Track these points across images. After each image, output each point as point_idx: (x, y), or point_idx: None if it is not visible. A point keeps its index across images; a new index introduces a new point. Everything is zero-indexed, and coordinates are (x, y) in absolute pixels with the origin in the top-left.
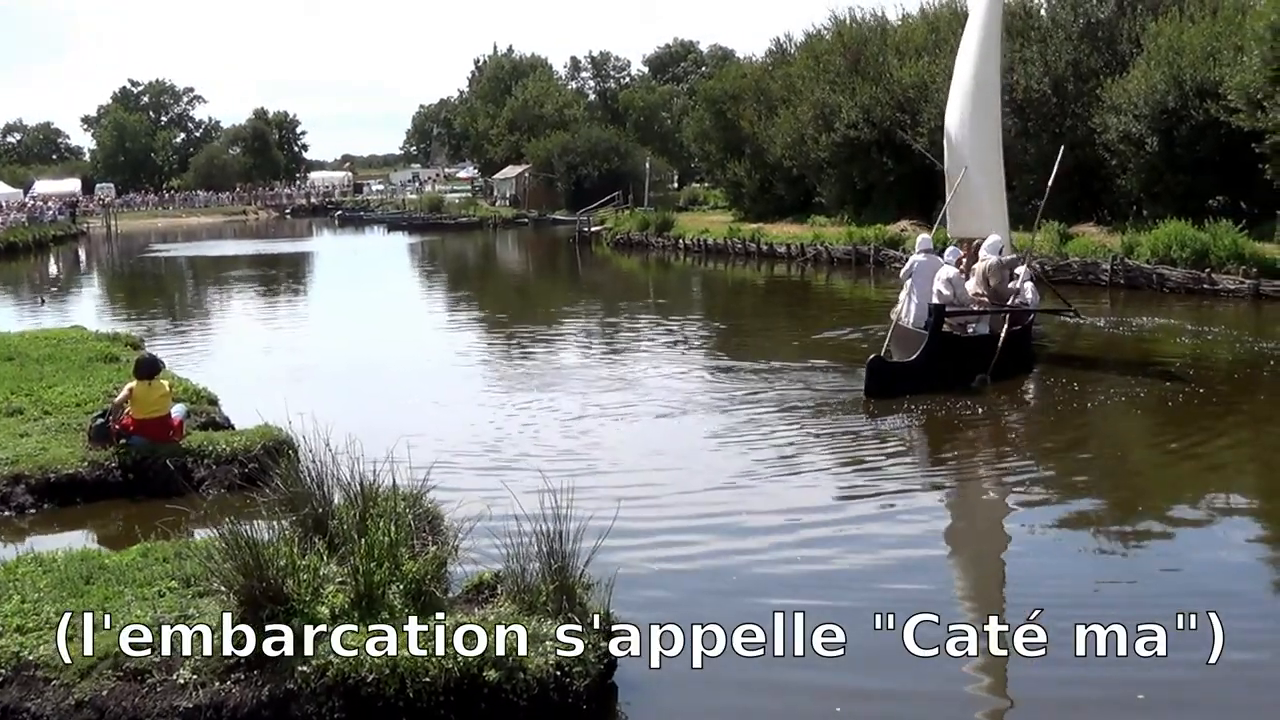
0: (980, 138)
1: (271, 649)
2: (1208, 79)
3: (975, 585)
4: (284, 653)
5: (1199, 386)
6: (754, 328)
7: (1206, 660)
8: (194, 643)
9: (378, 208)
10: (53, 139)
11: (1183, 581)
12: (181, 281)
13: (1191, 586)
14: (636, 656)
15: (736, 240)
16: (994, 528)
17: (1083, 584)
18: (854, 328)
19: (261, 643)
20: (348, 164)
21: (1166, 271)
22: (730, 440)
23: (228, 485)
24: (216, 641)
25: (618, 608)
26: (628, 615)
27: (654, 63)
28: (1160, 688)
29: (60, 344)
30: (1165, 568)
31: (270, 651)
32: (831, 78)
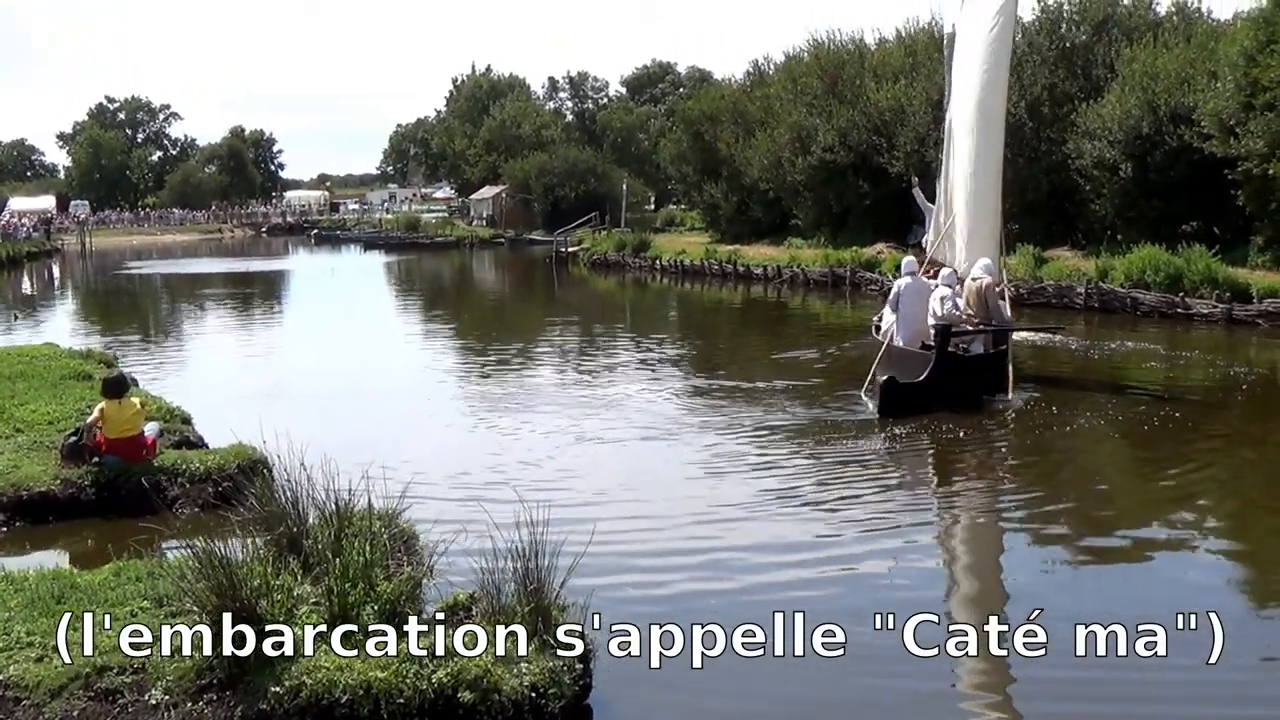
0: (982, 167)
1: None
2: (1182, 105)
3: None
4: (253, 670)
5: (1174, 409)
6: (730, 348)
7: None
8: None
9: (354, 227)
10: (27, 156)
11: (1152, 594)
12: (156, 299)
13: (1160, 598)
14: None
15: (713, 261)
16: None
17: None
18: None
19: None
20: (324, 183)
21: (1140, 295)
22: (706, 462)
23: (201, 504)
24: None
25: (593, 629)
26: (604, 637)
27: (632, 84)
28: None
29: (33, 361)
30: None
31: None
32: (809, 100)
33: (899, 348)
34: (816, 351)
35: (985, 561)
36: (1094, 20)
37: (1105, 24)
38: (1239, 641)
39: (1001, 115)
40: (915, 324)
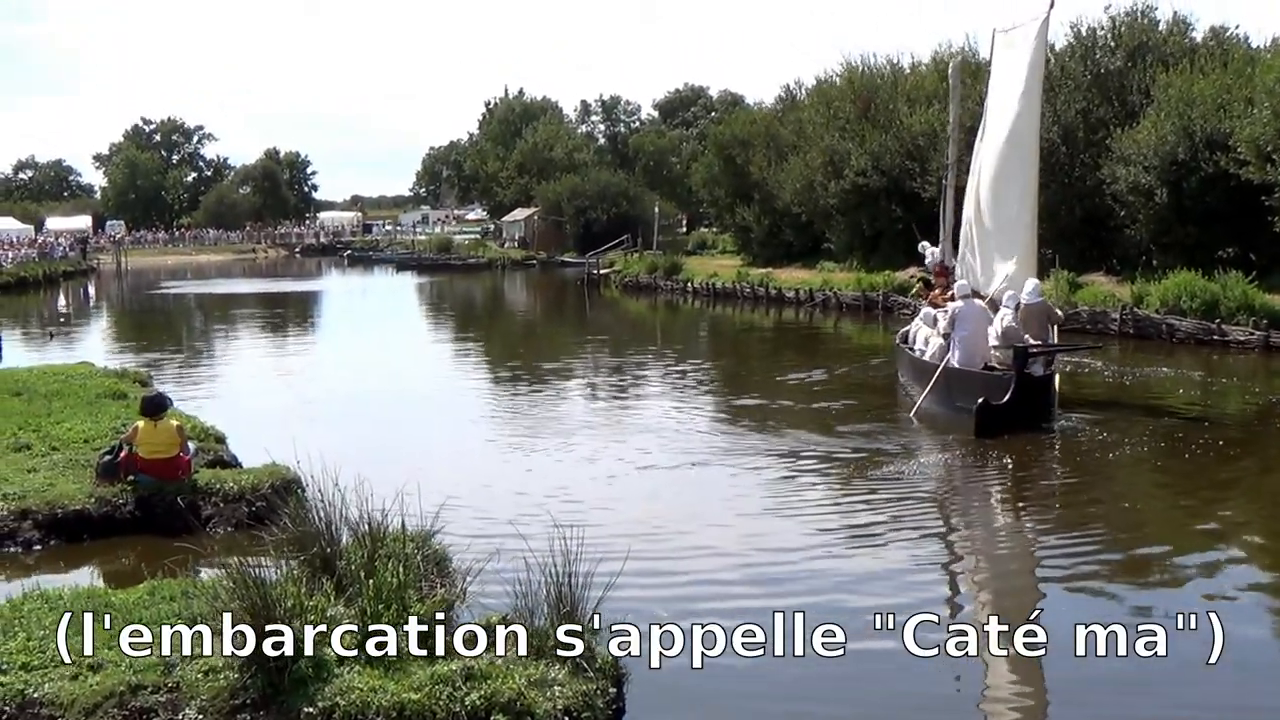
0: (1015, 192)
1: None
2: (1218, 131)
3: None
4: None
5: (1209, 437)
6: (763, 371)
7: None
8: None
9: (387, 248)
10: (64, 176)
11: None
12: (190, 319)
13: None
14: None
15: (745, 284)
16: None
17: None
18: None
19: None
20: (357, 204)
21: (1176, 322)
22: (741, 486)
23: (235, 524)
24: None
25: (626, 653)
26: (636, 660)
27: (664, 107)
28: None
29: (68, 380)
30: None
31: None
32: (841, 125)
33: (961, 369)
34: (849, 373)
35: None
36: (1129, 46)
37: (1140, 50)
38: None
39: (1035, 141)
40: (973, 346)
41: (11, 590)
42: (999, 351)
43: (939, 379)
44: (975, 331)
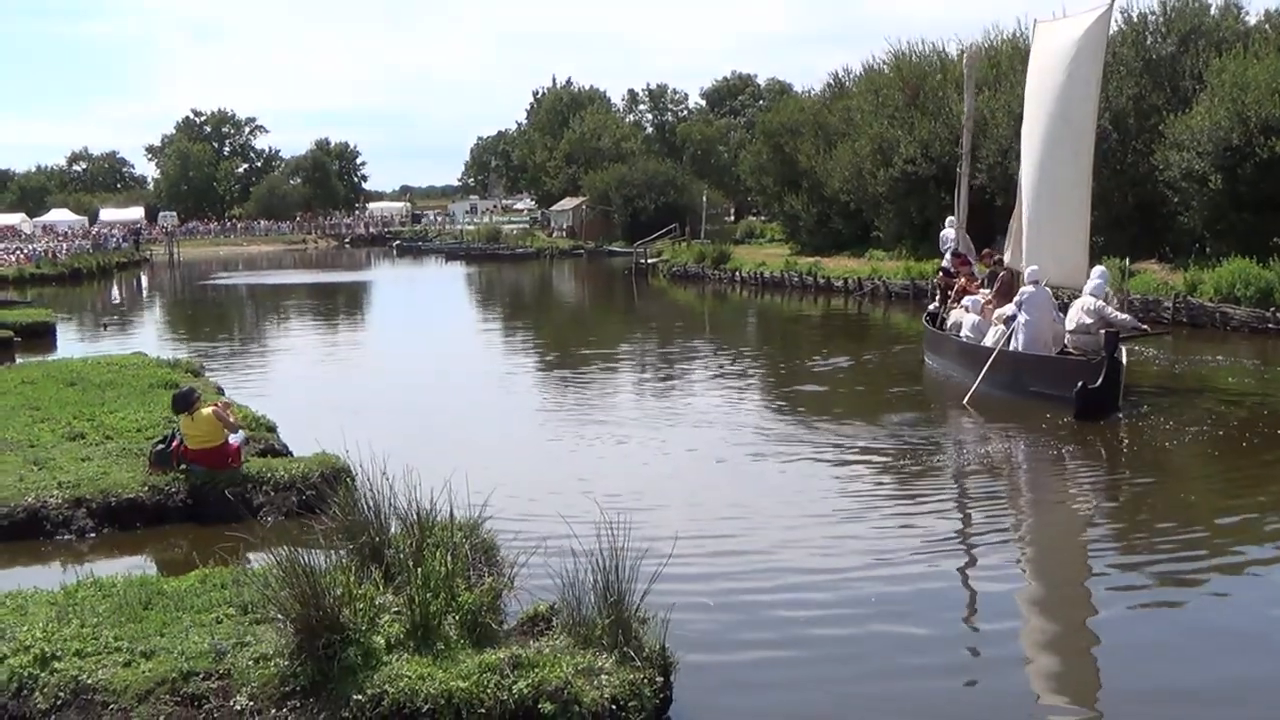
0: (1069, 177)
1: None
2: (1273, 116)
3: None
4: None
5: (1264, 427)
6: (812, 361)
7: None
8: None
9: (435, 238)
10: (118, 168)
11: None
12: (242, 310)
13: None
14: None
15: (793, 273)
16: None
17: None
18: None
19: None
20: (406, 195)
21: (1230, 310)
22: (789, 475)
23: (286, 512)
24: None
25: (674, 643)
26: (684, 649)
27: (711, 96)
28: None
29: (122, 370)
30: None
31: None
32: (890, 112)
33: (1043, 355)
34: (898, 361)
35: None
36: (1180, 31)
37: (1192, 35)
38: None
39: (1092, 130)
40: (1040, 331)
41: (66, 578)
42: (1073, 336)
43: (1002, 364)
44: (1042, 317)
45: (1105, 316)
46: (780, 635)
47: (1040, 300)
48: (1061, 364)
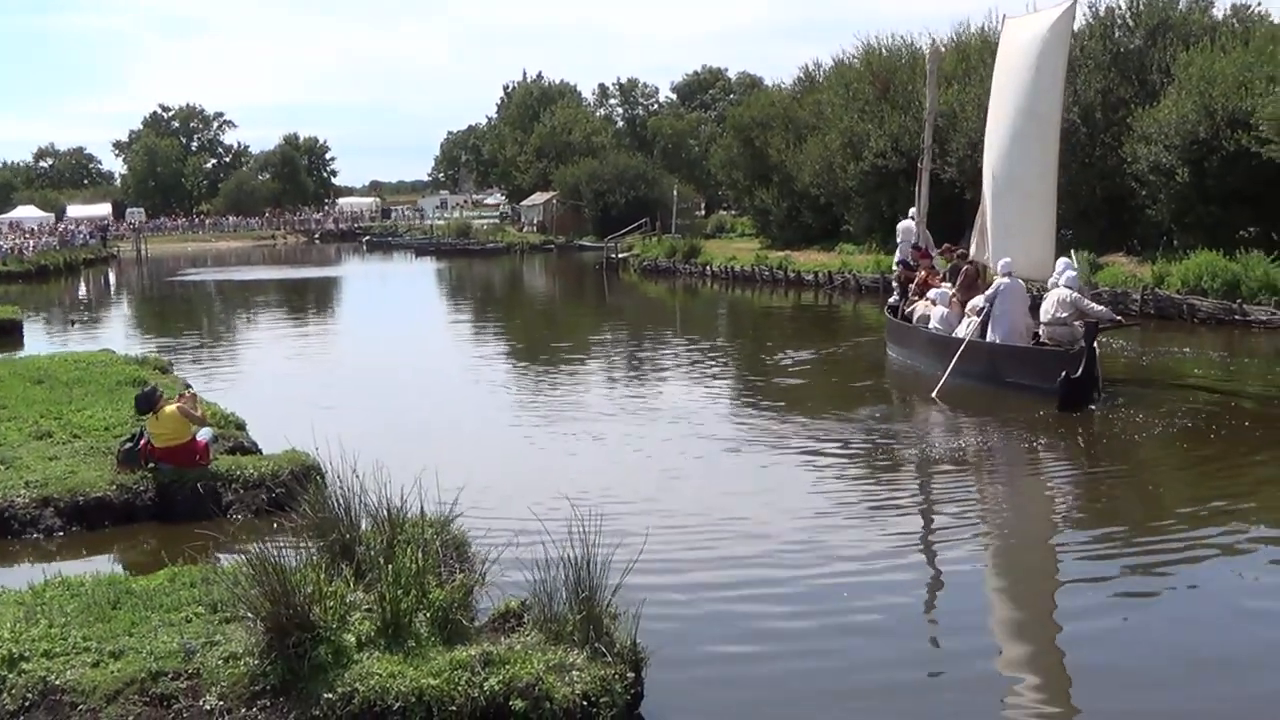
0: (1035, 171)
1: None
2: (1239, 109)
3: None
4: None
5: (1229, 419)
6: (783, 356)
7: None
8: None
9: (405, 233)
10: (84, 164)
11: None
12: (210, 306)
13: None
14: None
15: (764, 267)
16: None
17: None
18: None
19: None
20: (376, 190)
21: (1197, 302)
22: (760, 470)
23: (255, 510)
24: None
25: (645, 638)
26: (655, 645)
27: (682, 90)
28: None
29: (89, 367)
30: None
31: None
32: (860, 106)
33: (1021, 346)
34: (867, 354)
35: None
36: (1148, 25)
37: (1160, 29)
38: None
39: (1057, 123)
40: (1016, 323)
41: (33, 576)
42: (1047, 327)
43: (976, 355)
44: (1016, 309)
45: (1081, 308)
46: (752, 631)
47: (1016, 292)
48: (1043, 355)
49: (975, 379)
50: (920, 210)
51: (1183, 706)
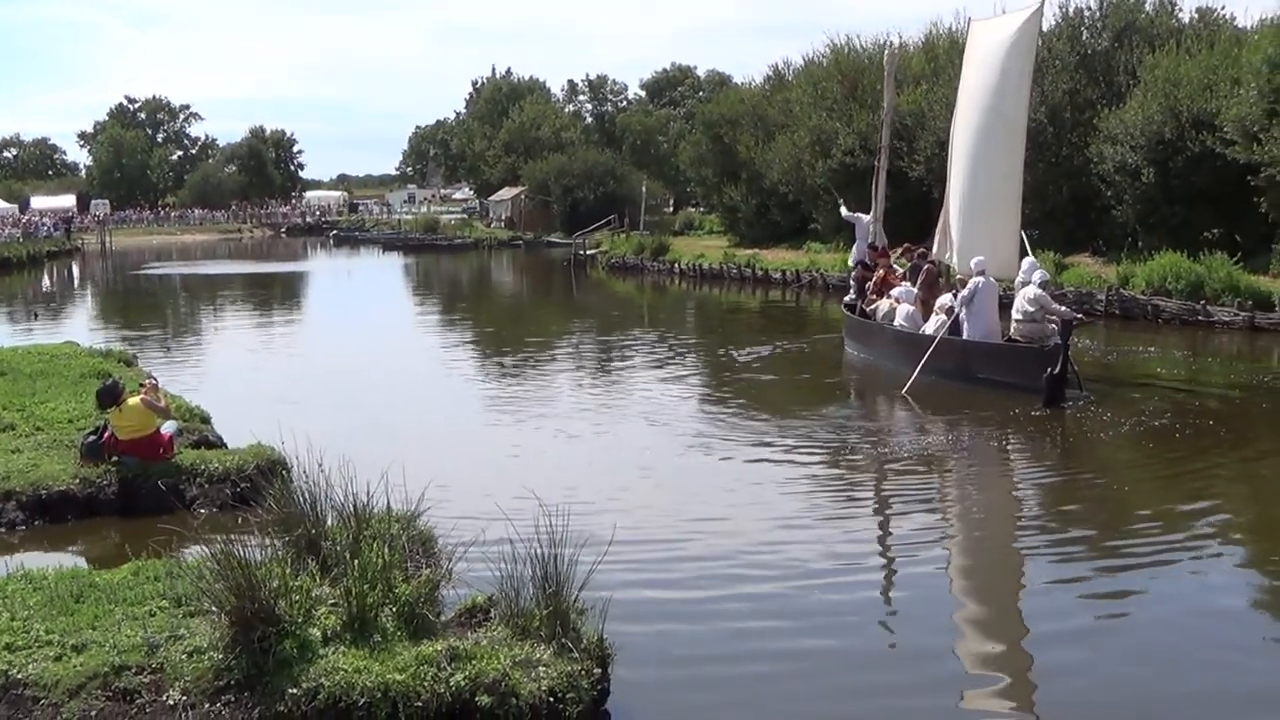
0: (1001, 172)
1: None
2: (1204, 111)
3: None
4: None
5: (1194, 418)
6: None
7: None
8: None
9: (373, 228)
10: (49, 155)
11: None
12: (176, 300)
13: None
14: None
15: (732, 265)
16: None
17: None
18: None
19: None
20: (343, 184)
21: (1161, 302)
22: (728, 466)
23: (220, 504)
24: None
25: (612, 635)
26: (622, 642)
27: (651, 87)
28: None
29: (53, 360)
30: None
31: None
32: (829, 104)
33: (991, 344)
34: (833, 352)
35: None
36: (1115, 27)
37: (1126, 30)
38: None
39: (1023, 123)
40: (990, 321)
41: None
42: (1019, 325)
43: (949, 353)
44: (991, 307)
45: (1046, 306)
46: (719, 628)
47: (990, 290)
48: (1025, 353)
49: (945, 376)
50: (877, 209)
51: (1149, 706)
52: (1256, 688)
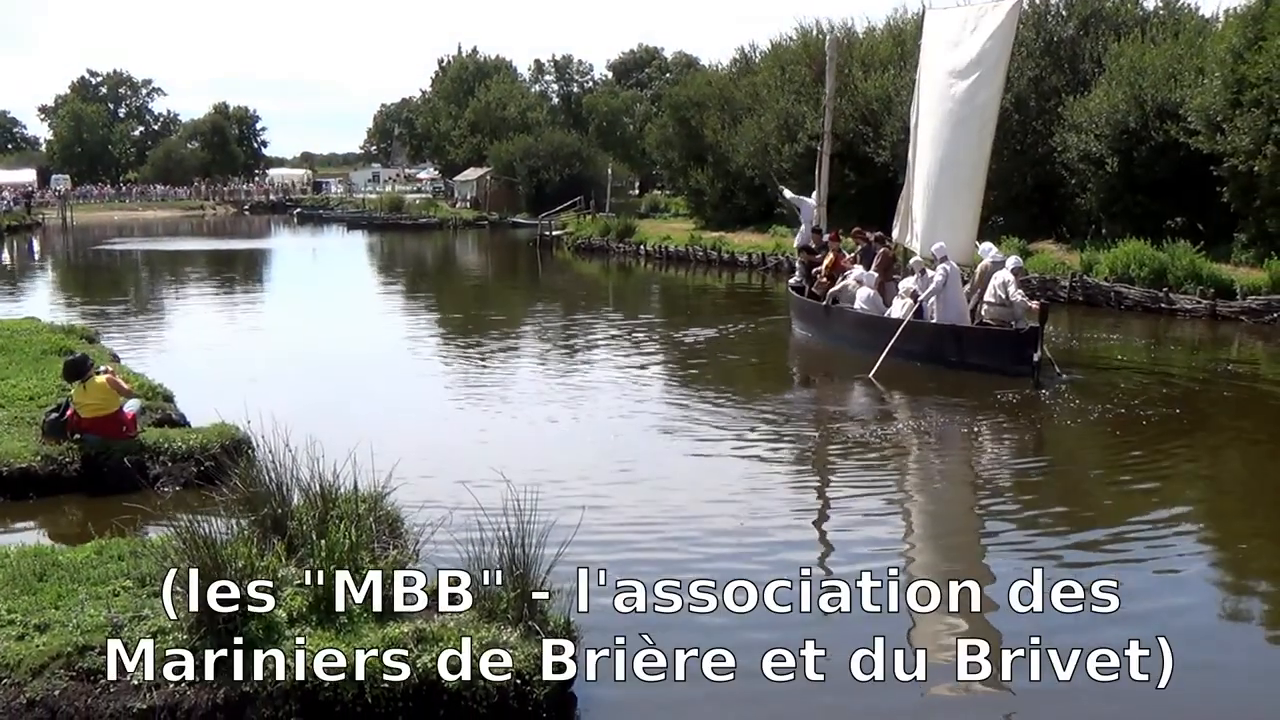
0: (970, 159)
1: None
2: (1168, 100)
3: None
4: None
5: (1154, 405)
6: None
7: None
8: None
9: (337, 206)
10: (9, 129)
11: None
12: (138, 276)
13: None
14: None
15: (698, 248)
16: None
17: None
18: None
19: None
20: (307, 162)
21: (1124, 290)
22: (694, 449)
23: (184, 483)
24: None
25: (579, 617)
26: (589, 624)
27: (618, 68)
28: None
29: (13, 335)
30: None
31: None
32: (796, 88)
33: (962, 327)
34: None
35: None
36: (1081, 15)
37: (1092, 19)
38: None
39: (995, 112)
40: (960, 305)
41: None
42: (989, 309)
43: (920, 335)
44: (958, 291)
45: (1009, 293)
46: (686, 610)
47: (956, 275)
48: (1003, 336)
49: (910, 358)
50: (820, 194)
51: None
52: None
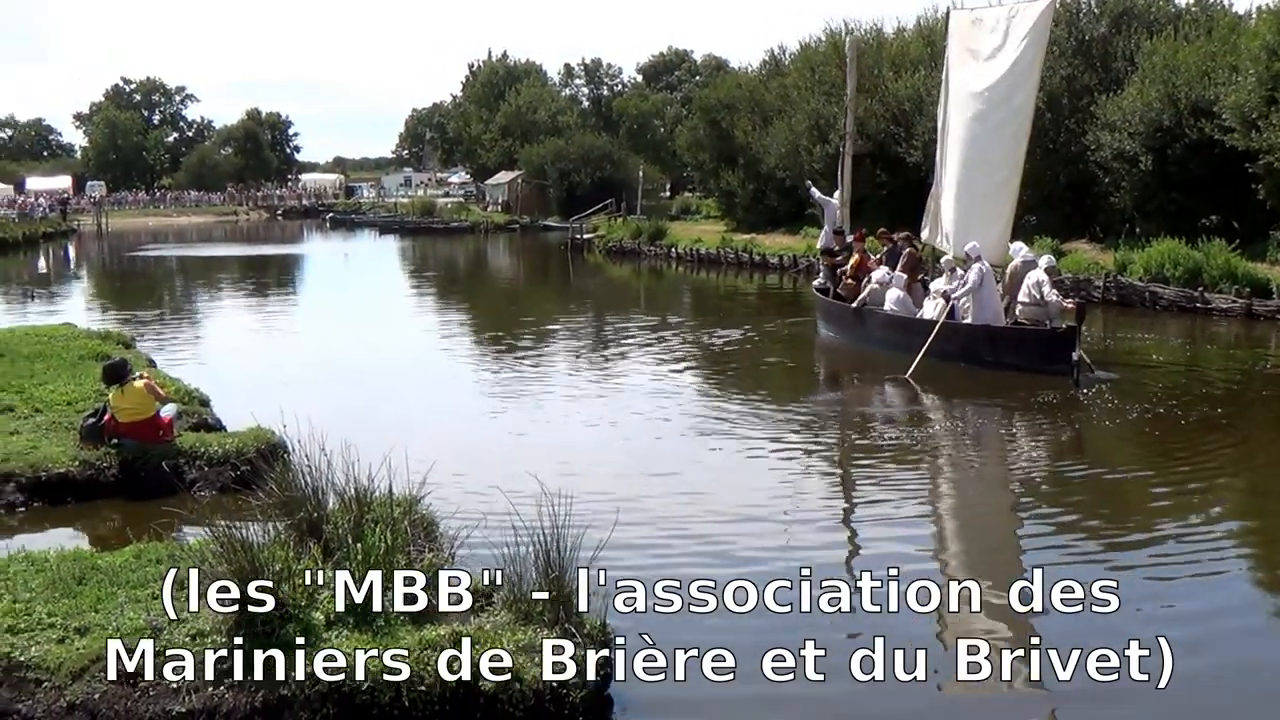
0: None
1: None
2: (1202, 98)
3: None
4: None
5: (1192, 405)
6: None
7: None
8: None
9: (369, 210)
10: (44, 136)
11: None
12: (172, 282)
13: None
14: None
15: (729, 250)
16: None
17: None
18: None
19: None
20: (340, 166)
21: (1159, 289)
22: (729, 450)
23: (220, 487)
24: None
25: (615, 619)
26: (625, 626)
27: (647, 71)
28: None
29: (51, 341)
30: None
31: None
32: (826, 89)
33: (1002, 328)
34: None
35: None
36: (1113, 13)
37: (1124, 17)
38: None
39: (1030, 113)
40: (995, 305)
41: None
42: (1024, 309)
43: (956, 336)
44: (993, 291)
45: (1043, 293)
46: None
47: (990, 275)
48: (1043, 336)
49: (946, 359)
50: (844, 194)
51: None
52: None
